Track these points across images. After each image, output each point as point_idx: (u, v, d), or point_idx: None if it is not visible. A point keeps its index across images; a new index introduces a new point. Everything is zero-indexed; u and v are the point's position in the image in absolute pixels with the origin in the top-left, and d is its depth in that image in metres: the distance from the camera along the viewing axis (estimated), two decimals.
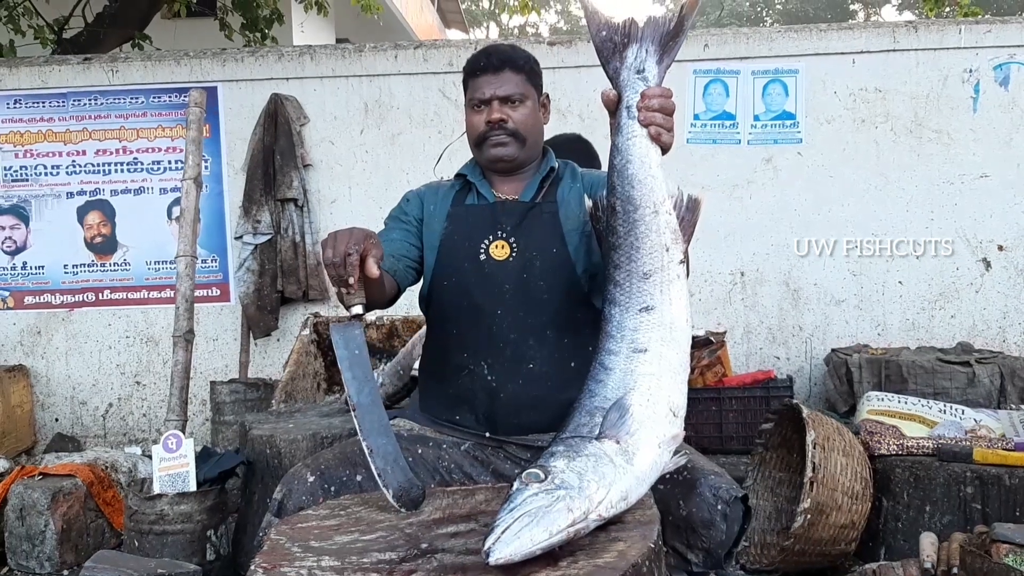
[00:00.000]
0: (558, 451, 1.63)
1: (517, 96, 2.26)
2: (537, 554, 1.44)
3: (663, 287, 1.77)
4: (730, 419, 4.04)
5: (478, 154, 2.33)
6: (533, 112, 2.30)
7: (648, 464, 1.65)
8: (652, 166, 1.79)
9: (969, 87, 4.73)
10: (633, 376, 1.73)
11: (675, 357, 1.77)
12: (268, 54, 5.07)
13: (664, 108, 1.81)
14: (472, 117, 2.31)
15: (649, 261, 1.77)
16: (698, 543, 1.99)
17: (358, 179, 5.01)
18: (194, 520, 2.92)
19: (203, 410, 5.04)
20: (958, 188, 4.74)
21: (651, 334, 1.76)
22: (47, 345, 5.11)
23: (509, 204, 2.29)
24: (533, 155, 2.34)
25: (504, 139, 2.26)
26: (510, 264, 2.21)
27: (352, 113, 5.00)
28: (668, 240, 1.79)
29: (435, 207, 2.34)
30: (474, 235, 2.26)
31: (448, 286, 2.26)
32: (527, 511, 1.47)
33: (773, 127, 4.78)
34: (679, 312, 1.79)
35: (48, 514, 3.44)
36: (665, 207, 1.79)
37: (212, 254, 5.05)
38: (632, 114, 1.80)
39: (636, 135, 1.79)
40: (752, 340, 4.86)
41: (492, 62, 2.27)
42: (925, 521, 3.08)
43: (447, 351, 2.27)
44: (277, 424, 3.29)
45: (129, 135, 5.04)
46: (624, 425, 1.65)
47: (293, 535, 1.70)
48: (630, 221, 1.78)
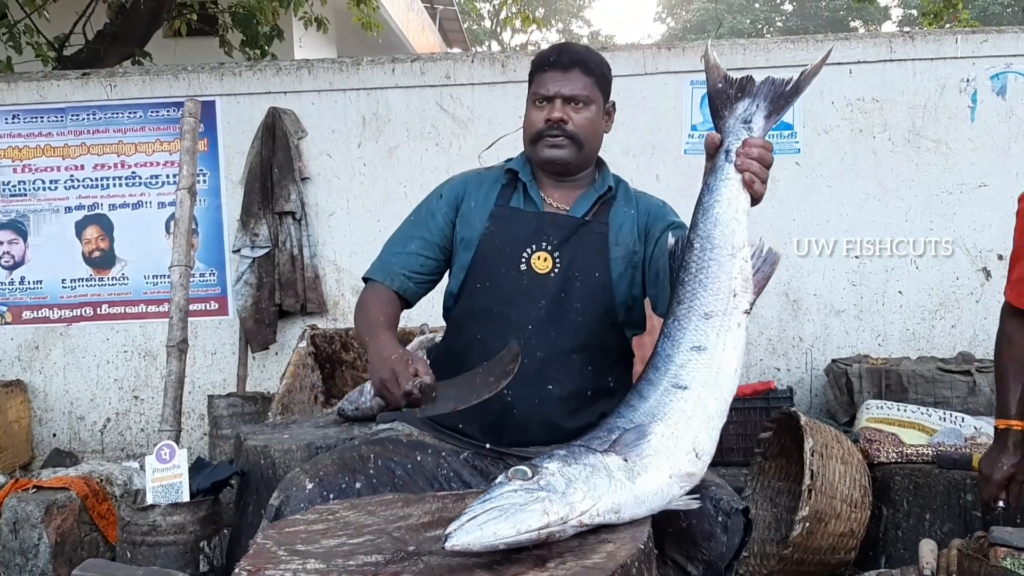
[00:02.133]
0: (557, 454, 1.61)
1: (582, 98, 2.18)
2: (500, 549, 1.42)
3: (721, 331, 1.76)
4: (730, 431, 4.01)
5: (532, 151, 2.24)
6: (596, 118, 2.22)
7: (652, 488, 1.62)
8: (738, 210, 1.81)
9: (967, 96, 4.73)
10: (665, 408, 1.71)
11: (714, 402, 1.74)
12: (266, 68, 5.09)
13: (763, 159, 1.82)
14: (532, 113, 2.22)
15: (713, 302, 1.77)
16: (698, 555, 1.96)
17: (356, 192, 5.01)
18: (187, 531, 2.89)
19: (201, 424, 5.02)
20: (957, 197, 4.72)
21: (696, 374, 1.74)
22: (45, 360, 5.10)
23: (559, 217, 2.21)
24: (588, 162, 2.25)
25: (561, 140, 2.17)
26: (550, 279, 2.14)
27: (350, 126, 5.01)
28: (738, 286, 1.78)
29: (476, 203, 2.24)
30: (517, 241, 2.17)
31: (481, 289, 2.18)
32: (499, 505, 1.45)
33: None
34: (730, 361, 1.77)
35: (42, 527, 3.41)
36: (742, 253, 1.80)
37: (210, 268, 5.05)
38: (730, 158, 1.82)
39: (730, 178, 1.82)
40: (752, 351, 4.84)
41: (562, 60, 2.19)
42: (925, 529, 3.05)
43: (467, 356, 2.17)
44: (272, 435, 3.26)
45: (127, 149, 5.05)
46: (637, 447, 1.63)
47: (280, 539, 1.68)
48: (705, 260, 1.79)
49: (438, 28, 16.05)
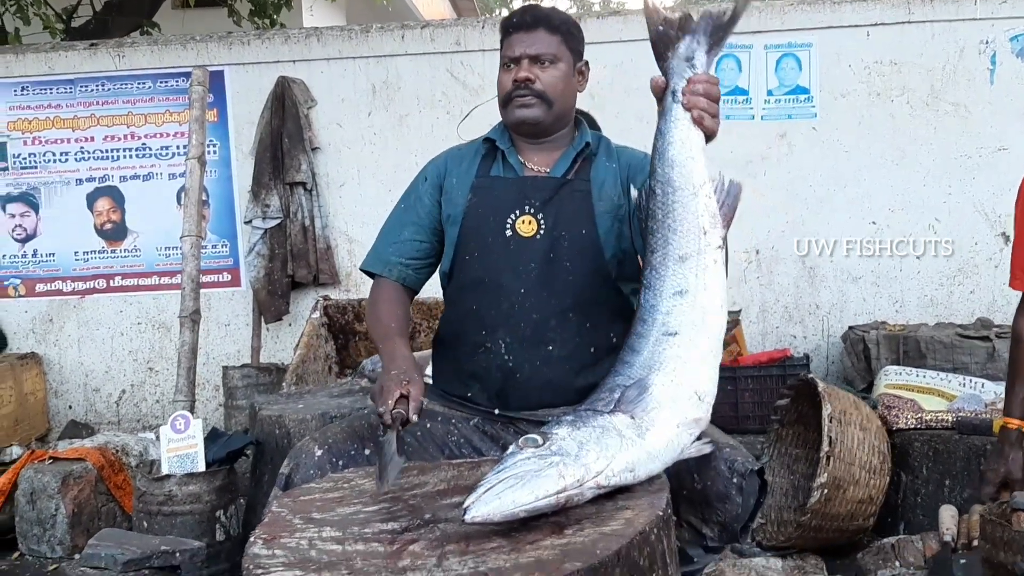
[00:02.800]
0: (565, 420, 1.61)
1: (548, 56, 2.16)
2: (520, 516, 1.40)
3: (699, 271, 1.74)
4: (746, 399, 3.99)
5: (505, 115, 2.23)
6: (565, 76, 2.19)
7: (663, 442, 1.61)
8: (693, 148, 1.77)
9: (986, 59, 4.64)
10: (660, 358, 1.70)
11: (706, 343, 1.73)
12: (274, 36, 5.04)
13: (709, 94, 1.78)
14: (502, 76, 2.21)
15: (685, 244, 1.74)
16: (713, 517, 1.95)
17: (366, 162, 4.97)
18: (203, 501, 2.89)
19: (216, 395, 5.03)
20: (976, 161, 4.65)
21: (683, 318, 1.73)
22: (59, 332, 5.11)
23: (540, 179, 2.20)
24: (562, 122, 2.23)
25: (530, 99, 2.15)
26: (537, 242, 2.13)
27: (360, 95, 4.96)
28: (706, 223, 1.75)
29: (458, 178, 2.25)
30: (500, 209, 2.17)
31: (470, 260, 2.19)
32: (515, 473, 1.44)
33: (787, 102, 4.71)
34: (714, 298, 1.75)
35: (59, 498, 3.43)
36: (704, 190, 1.76)
37: (222, 239, 5.04)
38: (677, 98, 1.79)
39: (679, 118, 1.78)
40: (768, 319, 4.80)
41: (526, 20, 2.18)
42: (944, 495, 3.02)
43: (465, 326, 2.20)
44: (286, 405, 3.26)
45: (137, 120, 5.02)
46: (641, 402, 1.62)
47: (295, 507, 1.67)
48: (668, 203, 1.76)
49: None
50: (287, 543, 1.47)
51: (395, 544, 1.43)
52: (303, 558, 1.40)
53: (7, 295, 5.09)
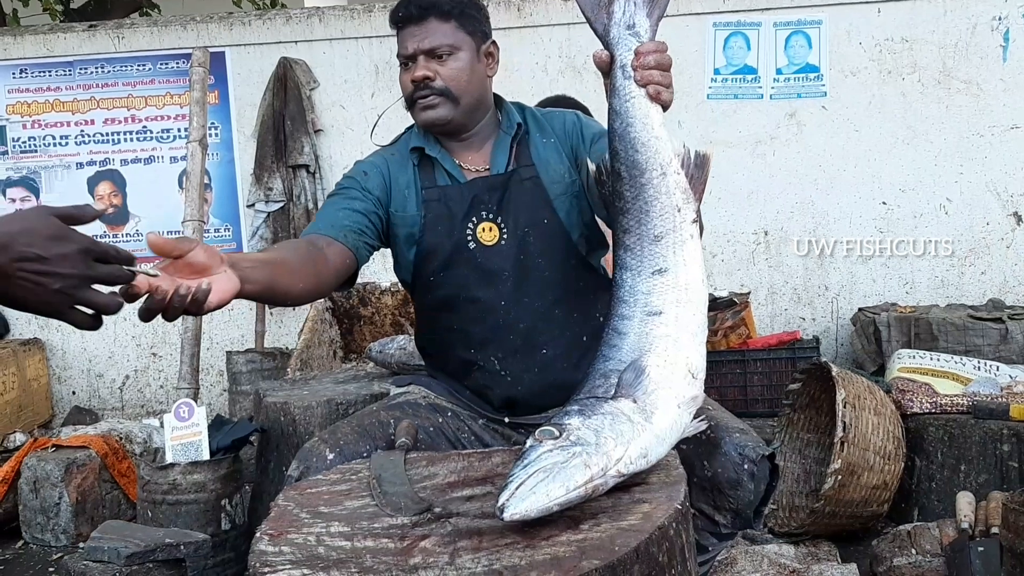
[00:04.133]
0: (572, 410, 1.54)
1: (444, 49, 1.99)
2: (554, 511, 1.36)
3: (676, 248, 1.67)
4: (755, 382, 3.95)
5: (414, 118, 2.09)
6: (468, 65, 2.02)
7: (668, 423, 1.56)
8: (654, 127, 1.67)
9: (998, 35, 4.56)
10: (648, 338, 1.63)
11: (692, 318, 1.67)
12: (276, 17, 4.97)
13: (661, 64, 1.65)
14: (401, 76, 2.06)
15: (660, 223, 1.66)
16: (725, 504, 1.91)
17: (370, 144, 4.84)
18: (208, 489, 2.86)
19: (220, 381, 4.99)
20: (988, 140, 4.58)
21: (665, 296, 1.66)
22: None
23: (485, 179, 2.06)
24: (479, 114, 2.08)
25: (433, 99, 1.99)
26: (503, 248, 2.03)
27: (362, 76, 4.89)
28: (679, 200, 1.68)
29: (405, 187, 2.07)
30: (457, 221, 2.03)
31: (442, 279, 2.07)
32: (542, 467, 1.39)
33: (796, 80, 4.63)
34: (694, 273, 1.68)
35: (62, 486, 3.40)
36: (672, 167, 1.68)
37: (225, 223, 4.99)
38: (628, 74, 1.67)
39: (634, 96, 1.67)
40: (777, 301, 4.75)
41: (412, 11, 2.00)
42: (960, 480, 2.98)
43: (450, 344, 2.11)
44: (292, 392, 3.22)
45: (137, 103, 4.96)
46: (640, 385, 1.57)
47: (302, 501, 1.62)
48: (637, 186, 1.67)
49: None
50: (294, 539, 1.42)
51: (405, 540, 1.39)
52: (311, 555, 1.35)
53: None
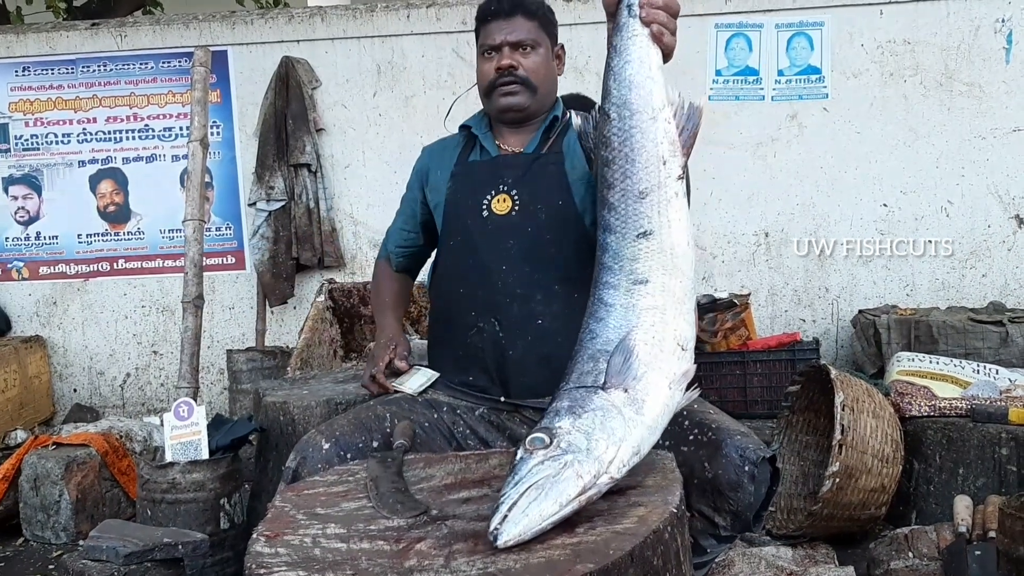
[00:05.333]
0: (563, 407, 1.51)
1: (529, 42, 2.18)
2: (548, 529, 1.36)
3: (661, 207, 1.65)
4: (755, 383, 3.95)
5: (487, 104, 2.25)
6: (546, 61, 2.22)
7: (659, 409, 1.54)
8: (652, 68, 1.68)
9: (1001, 38, 4.56)
10: (635, 311, 1.61)
11: (679, 286, 1.64)
12: (278, 16, 4.97)
13: (668, 6, 1.71)
14: (482, 65, 2.23)
15: (645, 177, 1.65)
16: (725, 506, 1.92)
17: (372, 143, 4.91)
18: (207, 488, 2.86)
19: (220, 379, 5.00)
20: (990, 143, 4.58)
21: (651, 262, 1.63)
22: (63, 315, 5.08)
23: (512, 157, 2.22)
24: (544, 106, 2.25)
25: (514, 87, 2.17)
26: (513, 218, 2.14)
27: (364, 75, 4.90)
28: (666, 152, 1.66)
29: (440, 169, 2.29)
30: (477, 191, 2.19)
31: (454, 246, 2.22)
32: (534, 483, 1.38)
33: (798, 82, 4.63)
34: (680, 235, 1.66)
35: (62, 484, 3.40)
36: (664, 114, 1.67)
37: (226, 221, 4.99)
38: (633, 12, 1.70)
39: (636, 34, 1.69)
40: (777, 302, 4.75)
41: (503, 7, 2.19)
42: (958, 484, 2.98)
43: (455, 310, 2.21)
44: (291, 391, 3.22)
45: (139, 102, 4.96)
46: (630, 370, 1.54)
47: (298, 502, 1.63)
48: (625, 129, 1.66)
49: None
50: (290, 540, 1.43)
51: (401, 542, 1.39)
52: (307, 557, 1.36)
53: (11, 278, 5.05)
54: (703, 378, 1.93)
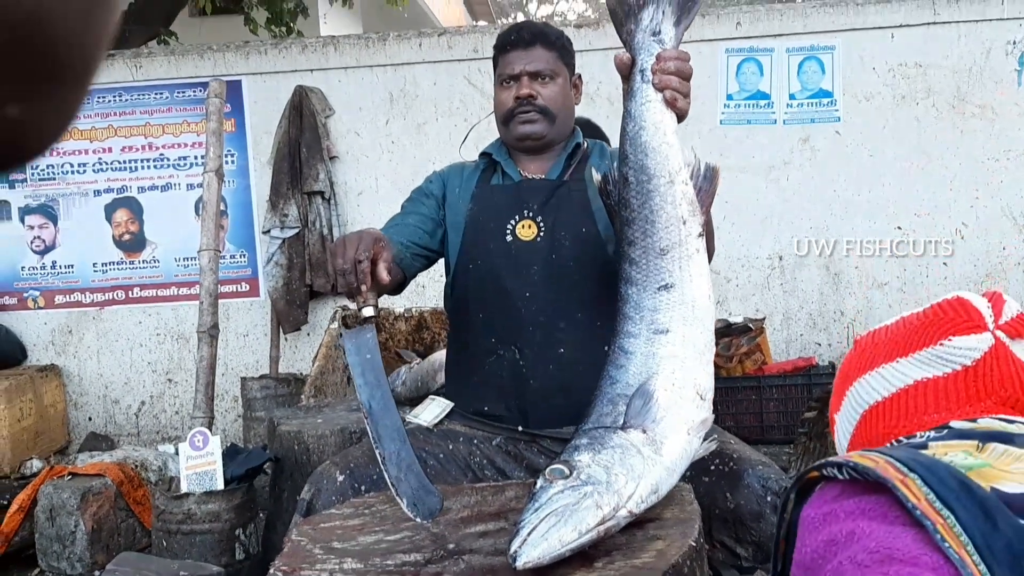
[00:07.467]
0: (582, 444, 1.53)
1: (547, 72, 2.19)
2: (566, 556, 1.35)
3: (682, 263, 1.67)
4: (771, 408, 3.93)
5: (505, 132, 2.25)
6: (564, 90, 2.23)
7: (678, 453, 1.55)
8: (667, 133, 1.69)
9: (1013, 60, 4.56)
10: (655, 359, 1.62)
11: (699, 337, 1.66)
12: (292, 46, 5.01)
13: (681, 72, 1.71)
14: (501, 93, 2.24)
15: (666, 236, 1.67)
16: (747, 536, 1.91)
17: (384, 170, 4.94)
18: (222, 519, 2.86)
19: (235, 407, 5.00)
20: (1003, 165, 4.57)
21: (672, 313, 1.65)
22: (78, 344, 5.10)
23: (535, 182, 2.21)
24: (562, 134, 2.25)
25: (533, 115, 2.18)
26: (538, 244, 2.13)
27: (377, 103, 4.93)
28: (685, 212, 1.68)
29: (459, 188, 2.26)
30: (500, 215, 2.17)
31: (474, 269, 2.18)
32: (553, 510, 1.38)
33: (810, 106, 4.64)
34: (700, 289, 1.68)
35: (78, 514, 3.40)
36: (681, 176, 1.69)
37: (240, 249, 5.01)
38: (646, 77, 1.70)
39: (650, 100, 1.70)
40: (792, 326, 4.73)
41: (523, 37, 2.20)
42: None
43: (474, 336, 2.19)
44: (305, 419, 3.23)
45: (155, 131, 5.00)
46: (649, 413, 1.56)
47: (315, 536, 1.62)
48: (644, 192, 1.68)
49: (463, 1, 15.89)
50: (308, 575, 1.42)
51: None
52: None
53: (26, 307, 5.08)
54: (718, 403, 1.92)
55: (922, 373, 1.07)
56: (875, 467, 0.92)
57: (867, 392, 1.14)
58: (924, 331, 1.09)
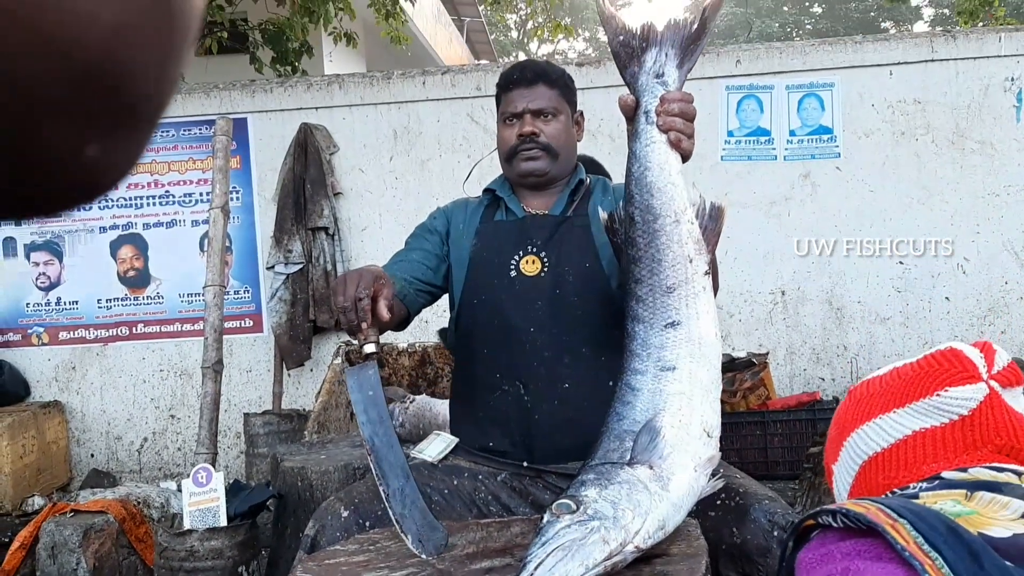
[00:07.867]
0: (588, 479, 1.54)
1: (550, 110, 2.21)
2: None
3: (688, 301, 1.68)
4: (775, 443, 3.92)
5: (508, 169, 2.27)
6: (566, 128, 2.25)
7: (684, 489, 1.56)
8: (672, 173, 1.71)
9: (1011, 96, 4.60)
10: (662, 396, 1.63)
11: (706, 374, 1.67)
12: (297, 84, 5.07)
13: (685, 113, 1.73)
14: (504, 131, 2.26)
15: (672, 274, 1.68)
16: (754, 572, 1.89)
17: (388, 206, 4.97)
18: (225, 556, 2.84)
19: (237, 443, 4.99)
20: (1004, 200, 4.59)
21: (679, 351, 1.66)
22: (82, 380, 5.10)
23: (539, 218, 2.23)
24: (565, 171, 2.27)
25: (536, 153, 2.19)
26: (542, 280, 2.13)
27: (381, 140, 4.97)
28: (691, 251, 1.70)
29: (463, 224, 2.27)
30: (504, 251, 2.18)
31: (478, 304, 2.19)
32: (560, 544, 1.38)
33: (810, 142, 4.67)
34: (707, 327, 1.69)
35: (80, 552, 3.39)
36: (687, 216, 1.70)
37: (245, 285, 5.03)
38: (651, 119, 1.72)
39: (655, 141, 1.71)
40: (795, 361, 4.73)
41: (526, 75, 2.23)
42: None
43: (478, 371, 2.19)
44: (309, 456, 3.22)
45: (160, 168, 5.05)
46: (656, 449, 1.56)
47: (319, 572, 1.62)
48: (650, 232, 1.69)
49: (465, 40, 16.06)
50: None
51: None
52: None
53: (31, 343, 5.09)
54: (722, 438, 1.92)
55: (919, 423, 1.09)
56: (866, 513, 0.96)
57: (865, 443, 1.15)
58: (919, 382, 1.10)
